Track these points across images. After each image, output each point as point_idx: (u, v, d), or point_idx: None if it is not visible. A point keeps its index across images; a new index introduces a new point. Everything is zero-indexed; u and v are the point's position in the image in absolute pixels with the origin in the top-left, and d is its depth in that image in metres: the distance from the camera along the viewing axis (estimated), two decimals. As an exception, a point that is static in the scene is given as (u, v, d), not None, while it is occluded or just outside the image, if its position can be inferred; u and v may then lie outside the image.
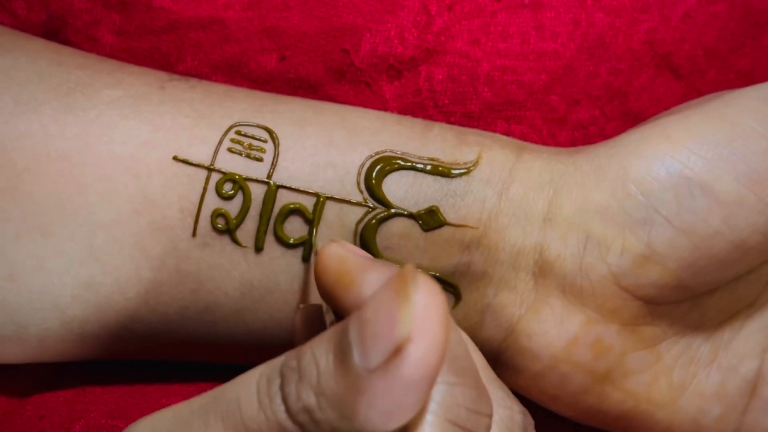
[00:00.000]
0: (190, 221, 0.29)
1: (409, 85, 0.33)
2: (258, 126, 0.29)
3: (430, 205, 0.29)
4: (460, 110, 0.33)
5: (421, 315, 0.19)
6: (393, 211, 0.29)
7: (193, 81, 0.31)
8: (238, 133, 0.29)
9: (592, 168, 0.29)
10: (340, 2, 0.33)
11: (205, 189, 0.29)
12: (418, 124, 0.31)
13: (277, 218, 0.29)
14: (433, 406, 0.21)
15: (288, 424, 0.20)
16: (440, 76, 0.33)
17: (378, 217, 0.29)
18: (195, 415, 0.22)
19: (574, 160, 0.30)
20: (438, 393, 0.21)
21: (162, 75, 0.31)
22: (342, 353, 0.20)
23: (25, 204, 0.28)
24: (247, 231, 0.29)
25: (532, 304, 0.30)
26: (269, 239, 0.29)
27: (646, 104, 0.34)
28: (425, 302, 0.19)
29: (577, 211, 0.29)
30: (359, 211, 0.29)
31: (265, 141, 0.29)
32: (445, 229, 0.29)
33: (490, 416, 0.23)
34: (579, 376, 0.30)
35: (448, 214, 0.29)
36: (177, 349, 0.31)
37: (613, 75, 0.34)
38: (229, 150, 0.29)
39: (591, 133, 0.34)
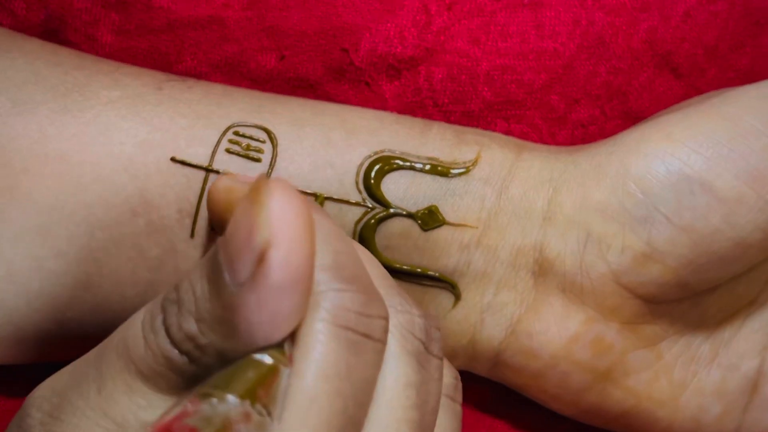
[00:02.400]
0: (188, 222, 0.29)
1: (409, 84, 0.33)
2: (256, 126, 0.29)
3: (430, 204, 0.29)
4: (459, 109, 0.33)
5: (278, 218, 0.19)
6: (392, 210, 0.29)
7: (191, 81, 0.31)
8: (236, 133, 0.29)
9: (592, 166, 0.29)
10: (340, 2, 0.33)
11: (203, 190, 0.28)
12: (417, 123, 0.31)
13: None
14: (321, 314, 0.21)
15: (174, 354, 0.20)
16: (440, 76, 0.33)
17: (377, 216, 0.29)
18: (90, 365, 0.22)
19: (573, 158, 0.30)
20: (326, 300, 0.21)
21: (160, 75, 0.31)
22: (214, 275, 0.20)
23: (24, 205, 0.28)
24: None
25: (532, 302, 0.30)
26: None
27: (645, 103, 0.34)
28: (281, 205, 0.19)
29: (577, 209, 0.29)
30: (358, 211, 0.29)
31: (263, 141, 0.29)
32: (444, 229, 0.29)
33: (385, 318, 0.22)
34: (579, 375, 0.30)
35: (448, 213, 0.29)
36: None
37: (613, 74, 0.34)
38: (227, 150, 0.29)
39: (591, 133, 0.34)
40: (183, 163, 0.29)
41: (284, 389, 0.20)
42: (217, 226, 0.25)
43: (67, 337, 0.29)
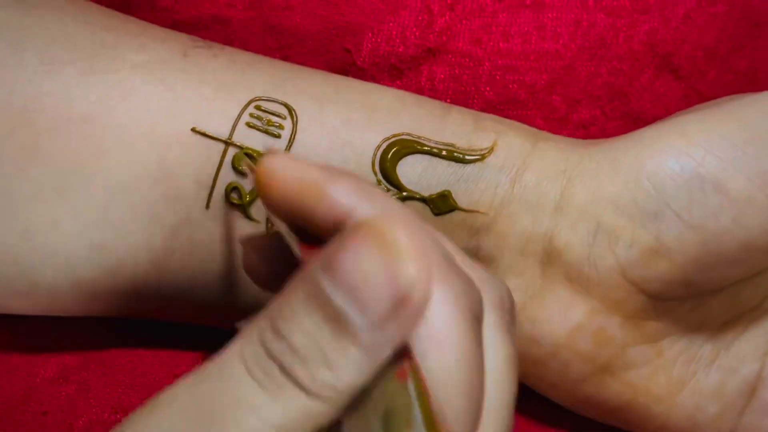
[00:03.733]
0: (205, 193, 0.29)
1: (411, 84, 0.34)
2: (278, 101, 0.29)
3: (443, 189, 0.29)
4: (461, 108, 0.33)
5: (413, 255, 0.19)
6: (405, 194, 0.29)
7: (216, 48, 0.31)
8: (258, 108, 0.29)
9: (607, 160, 0.29)
10: (342, 1, 0.33)
11: (221, 163, 0.29)
12: (437, 107, 0.31)
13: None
14: (455, 305, 0.22)
15: (309, 404, 0.20)
16: (442, 76, 0.33)
17: None
18: (194, 422, 0.20)
19: (589, 151, 0.30)
20: (456, 292, 0.22)
21: (186, 40, 0.31)
22: (337, 322, 0.20)
23: (44, 164, 0.28)
24: (260, 206, 0.29)
25: (537, 290, 0.30)
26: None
27: (646, 104, 0.34)
28: (409, 240, 0.19)
29: (589, 201, 0.29)
30: None
31: (284, 117, 0.29)
32: (455, 214, 0.29)
33: (482, 301, 0.23)
34: (579, 365, 0.30)
35: (460, 198, 0.29)
36: (187, 312, 0.31)
37: (614, 75, 0.34)
38: (248, 124, 0.29)
39: (592, 133, 0.34)
40: (203, 134, 0.29)
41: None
42: (275, 210, 0.23)
43: (78, 295, 0.29)
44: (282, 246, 0.24)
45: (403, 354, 0.21)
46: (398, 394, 0.20)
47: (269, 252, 0.26)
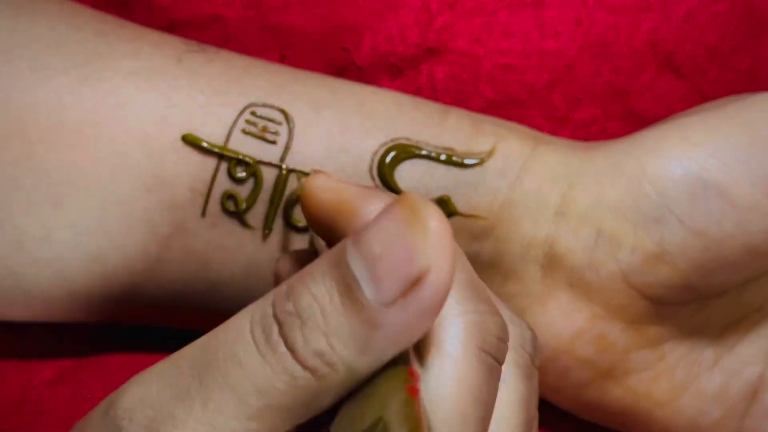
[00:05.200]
0: (200, 201, 0.29)
1: (411, 83, 0.33)
2: (273, 107, 0.29)
3: (442, 194, 0.29)
4: (461, 108, 0.33)
5: (437, 242, 0.19)
6: None
7: (211, 52, 0.30)
8: (253, 114, 0.29)
9: (608, 164, 0.29)
10: (341, 1, 0.33)
11: (216, 170, 0.28)
12: (435, 110, 0.30)
13: (288, 202, 0.29)
14: (467, 335, 0.21)
15: (297, 370, 0.20)
16: (442, 75, 0.33)
17: None
18: (186, 376, 0.20)
19: (590, 155, 0.30)
20: (471, 322, 0.21)
21: (180, 45, 0.30)
22: (348, 290, 0.19)
23: (37, 174, 0.28)
24: (256, 213, 0.29)
25: (539, 295, 0.30)
26: (279, 222, 0.29)
27: (647, 104, 0.34)
28: (438, 228, 0.19)
29: (591, 206, 0.29)
30: None
31: (280, 123, 0.29)
32: (455, 219, 0.29)
33: (507, 342, 0.22)
34: (581, 370, 0.30)
35: (460, 203, 0.29)
36: (182, 318, 0.31)
37: (615, 74, 0.34)
38: (243, 131, 0.29)
39: (592, 133, 0.34)
40: (196, 144, 0.28)
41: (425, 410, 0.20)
42: (316, 227, 0.24)
43: (74, 304, 0.29)
44: None
45: (410, 366, 0.20)
46: (396, 404, 0.20)
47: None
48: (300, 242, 0.29)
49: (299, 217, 0.29)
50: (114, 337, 0.33)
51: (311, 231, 0.28)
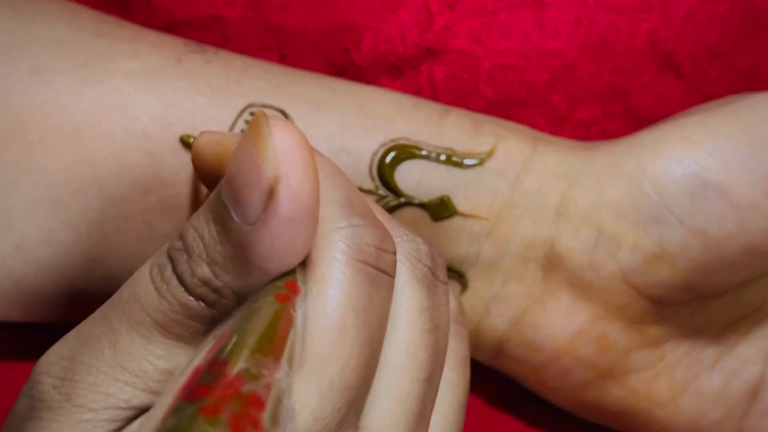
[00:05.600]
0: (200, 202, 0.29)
1: (411, 83, 0.33)
2: (273, 108, 0.29)
3: (442, 194, 0.29)
4: (461, 108, 0.33)
5: (284, 152, 0.19)
6: (403, 200, 0.29)
7: (211, 53, 0.30)
8: (253, 114, 0.29)
9: (608, 164, 0.29)
10: (341, 1, 0.33)
11: None
12: (434, 110, 0.30)
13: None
14: (343, 249, 0.21)
15: (189, 300, 0.20)
16: (441, 75, 0.33)
17: (388, 205, 0.29)
18: (97, 325, 0.21)
19: (590, 155, 0.30)
20: (345, 235, 0.21)
21: (179, 46, 0.30)
22: (221, 218, 0.20)
23: (37, 176, 0.28)
24: None
25: (539, 296, 0.30)
26: None
27: (648, 104, 0.34)
28: (285, 139, 0.19)
29: (591, 206, 0.29)
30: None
31: None
32: (455, 219, 0.29)
33: (395, 253, 0.23)
34: (581, 371, 0.30)
35: (460, 203, 0.29)
36: None
37: (615, 74, 0.34)
38: (243, 132, 0.29)
39: (592, 133, 0.34)
40: (189, 146, 0.28)
41: (300, 323, 0.20)
42: (206, 180, 0.25)
43: (75, 304, 0.29)
44: None
45: (288, 281, 0.20)
46: (260, 313, 0.20)
47: None
48: None
49: None
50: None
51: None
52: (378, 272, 0.22)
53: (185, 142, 0.28)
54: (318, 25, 0.33)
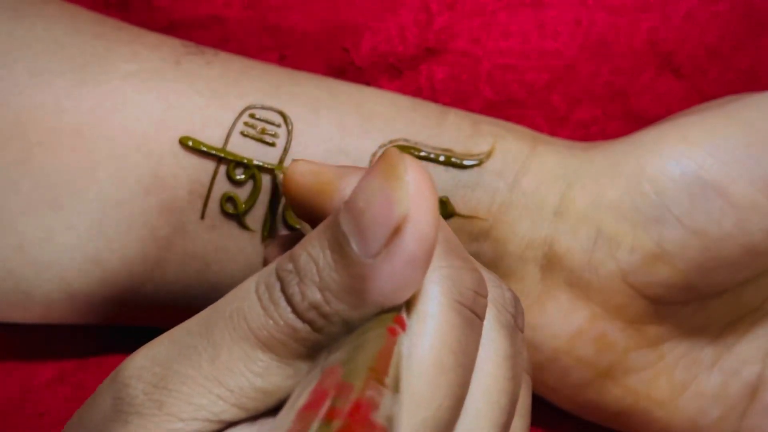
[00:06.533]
0: (200, 203, 0.29)
1: (410, 83, 0.33)
2: (272, 109, 0.29)
3: (441, 195, 0.29)
4: (461, 109, 0.33)
5: (416, 193, 0.19)
6: None
7: (210, 54, 0.30)
8: (252, 116, 0.29)
9: (607, 164, 0.29)
10: (341, 1, 0.33)
11: (215, 173, 0.28)
12: (433, 111, 0.30)
13: (287, 204, 0.29)
14: (443, 288, 0.21)
15: (297, 323, 0.20)
16: (441, 75, 0.33)
17: None
18: (195, 335, 0.21)
19: (589, 155, 0.30)
20: (446, 276, 0.21)
21: (178, 47, 0.30)
22: (339, 246, 0.20)
23: (37, 178, 0.28)
24: (256, 216, 0.29)
25: (538, 296, 0.30)
26: (278, 225, 0.29)
27: (647, 104, 0.34)
28: (417, 179, 0.20)
29: (590, 206, 0.29)
30: None
31: (278, 125, 0.29)
32: (454, 220, 0.29)
33: (486, 297, 0.23)
34: (580, 370, 0.30)
35: (458, 204, 0.29)
36: (182, 319, 0.31)
37: (615, 74, 0.34)
38: (242, 133, 0.29)
39: (592, 133, 0.34)
40: (194, 147, 0.28)
41: (405, 359, 0.20)
42: (299, 211, 0.25)
43: (73, 306, 0.29)
44: None
45: (397, 315, 0.21)
46: (370, 344, 0.20)
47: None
48: None
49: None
50: (114, 337, 0.33)
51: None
52: (474, 316, 0.22)
53: (184, 144, 0.28)
54: (317, 25, 0.33)
